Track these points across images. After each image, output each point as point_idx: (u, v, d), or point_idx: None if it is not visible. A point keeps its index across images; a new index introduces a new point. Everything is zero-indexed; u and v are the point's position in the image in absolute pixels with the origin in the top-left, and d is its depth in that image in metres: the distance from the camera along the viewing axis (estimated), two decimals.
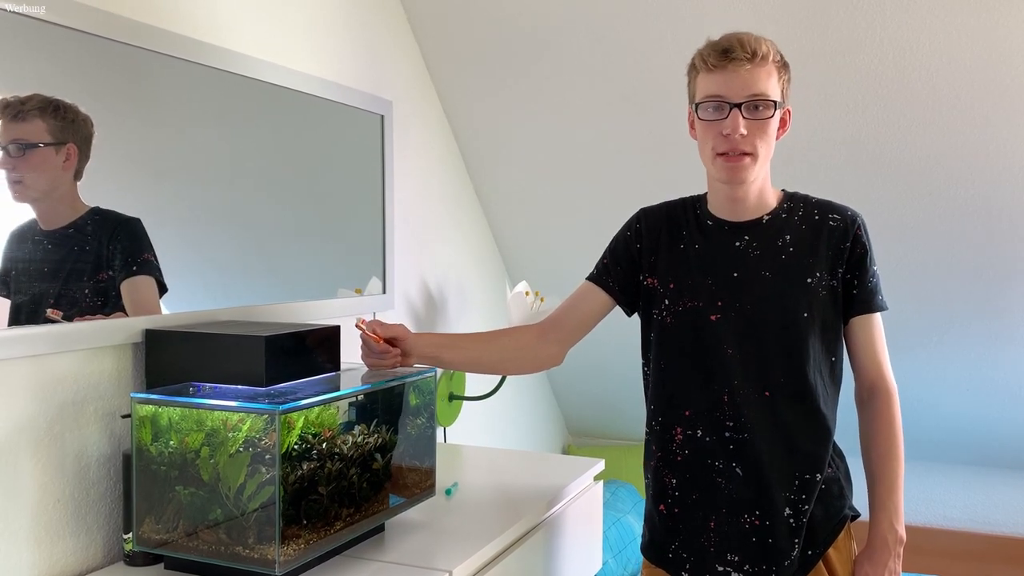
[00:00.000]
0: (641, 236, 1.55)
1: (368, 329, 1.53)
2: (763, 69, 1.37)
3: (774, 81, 1.39)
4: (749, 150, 1.38)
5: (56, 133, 1.30)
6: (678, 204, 1.56)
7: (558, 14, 2.20)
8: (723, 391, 1.43)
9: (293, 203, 1.88)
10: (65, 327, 1.29)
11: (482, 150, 2.59)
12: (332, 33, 1.98)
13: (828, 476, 1.45)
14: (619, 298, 1.58)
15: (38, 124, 1.28)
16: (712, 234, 1.48)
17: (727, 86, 1.37)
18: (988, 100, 2.05)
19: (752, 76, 1.36)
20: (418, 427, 1.49)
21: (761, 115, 1.37)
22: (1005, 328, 2.51)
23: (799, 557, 1.43)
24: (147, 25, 1.43)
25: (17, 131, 1.25)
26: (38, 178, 1.30)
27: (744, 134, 1.37)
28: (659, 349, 1.51)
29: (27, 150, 1.27)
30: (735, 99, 1.37)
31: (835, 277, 1.43)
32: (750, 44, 1.37)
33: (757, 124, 1.37)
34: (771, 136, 1.40)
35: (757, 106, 1.37)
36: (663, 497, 1.51)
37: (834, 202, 1.49)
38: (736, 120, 1.37)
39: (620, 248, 1.58)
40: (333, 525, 1.26)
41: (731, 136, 1.37)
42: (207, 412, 1.19)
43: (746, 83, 1.36)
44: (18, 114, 1.25)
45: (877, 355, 1.47)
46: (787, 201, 1.49)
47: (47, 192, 1.31)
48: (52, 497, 1.29)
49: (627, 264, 1.56)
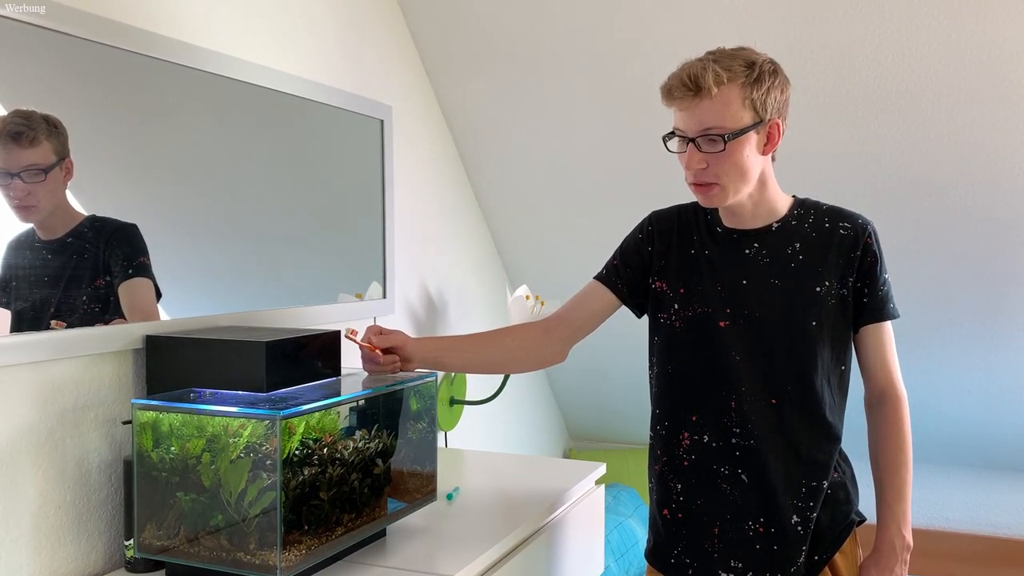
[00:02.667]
0: (653, 239, 1.55)
1: (364, 340, 1.52)
2: (712, 100, 1.33)
3: (734, 107, 1.33)
4: (712, 180, 1.38)
5: (58, 150, 1.30)
6: (689, 208, 1.55)
7: (558, 19, 2.20)
8: (730, 397, 1.43)
9: (293, 208, 1.88)
10: (65, 333, 1.29)
11: (482, 154, 2.59)
12: (332, 38, 1.98)
13: (834, 481, 1.45)
14: (628, 300, 1.57)
15: (46, 146, 1.28)
16: (722, 241, 1.48)
17: (682, 121, 1.38)
18: (986, 103, 2.05)
19: (700, 110, 1.34)
20: (419, 432, 1.49)
21: (713, 148, 1.35)
22: (1006, 330, 2.50)
23: (805, 563, 1.43)
24: (144, 31, 1.43)
25: (32, 156, 1.26)
26: (48, 198, 1.31)
27: (703, 167, 1.37)
28: (667, 353, 1.50)
29: (44, 174, 1.28)
30: (690, 133, 1.36)
31: (845, 286, 1.42)
32: (693, 79, 1.33)
33: (714, 156, 1.36)
34: (738, 162, 1.36)
35: (711, 138, 1.35)
36: (667, 502, 1.51)
37: (844, 209, 1.47)
38: (692, 155, 1.37)
39: (631, 250, 1.57)
40: (334, 530, 1.26)
41: (689, 170, 1.39)
42: (208, 418, 1.19)
43: (694, 118, 1.35)
44: (33, 140, 1.25)
45: (887, 362, 1.46)
46: (797, 208, 1.47)
47: (53, 210, 1.33)
48: (53, 503, 1.28)
49: (637, 266, 1.55)
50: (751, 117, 1.35)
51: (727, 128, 1.34)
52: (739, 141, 1.35)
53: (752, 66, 1.34)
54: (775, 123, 1.38)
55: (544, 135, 2.48)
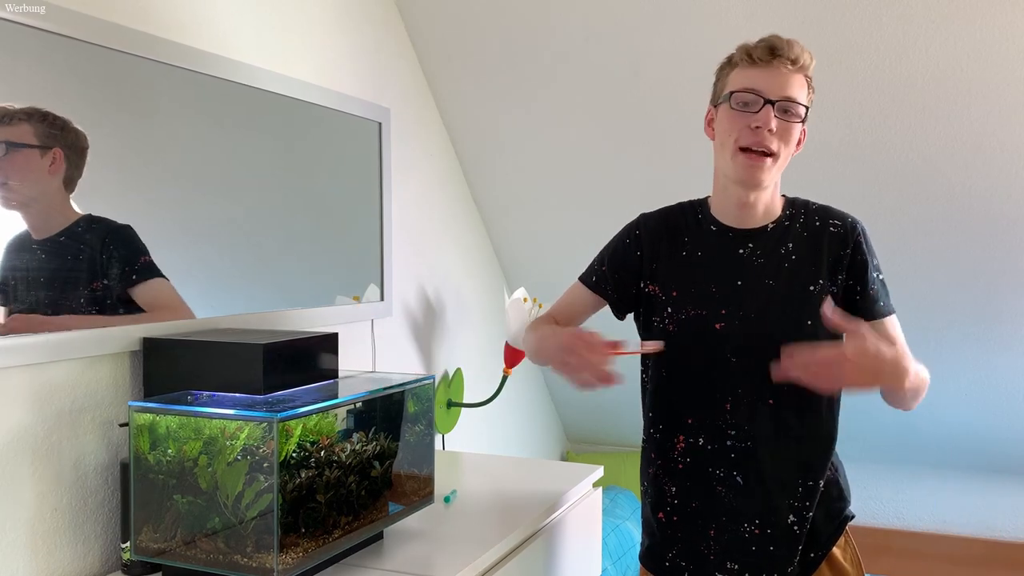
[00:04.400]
0: (641, 243, 1.54)
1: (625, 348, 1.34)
2: (800, 77, 1.39)
3: (805, 92, 1.41)
4: (774, 149, 1.38)
5: (42, 137, 1.29)
6: (677, 209, 1.55)
7: (556, 22, 2.20)
8: (726, 399, 1.43)
9: (291, 210, 1.88)
10: (62, 335, 1.29)
11: (480, 157, 2.59)
12: (330, 40, 1.98)
13: (828, 479, 1.45)
14: (615, 304, 1.57)
15: (24, 128, 1.28)
16: (715, 241, 1.48)
17: (767, 82, 1.37)
18: (984, 104, 2.05)
19: (790, 79, 1.38)
20: (416, 434, 1.48)
21: (791, 118, 1.38)
22: (1004, 333, 2.51)
23: (800, 561, 1.43)
24: (143, 33, 1.43)
25: (3, 134, 1.25)
26: (23, 182, 1.29)
27: (772, 130, 1.37)
28: (661, 357, 1.50)
29: (10, 150, 1.27)
30: (772, 96, 1.37)
31: (836, 284, 1.43)
32: (796, 49, 1.38)
33: (785, 126, 1.38)
34: (793, 142, 1.41)
35: (788, 109, 1.37)
36: (662, 505, 1.51)
37: (834, 208, 1.48)
38: (768, 114, 1.36)
39: (619, 255, 1.56)
40: (332, 533, 1.26)
41: (760, 130, 1.36)
42: (205, 420, 1.19)
43: (784, 84, 1.37)
44: (3, 117, 1.25)
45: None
46: (789, 208, 1.48)
47: (34, 198, 1.30)
48: (49, 506, 1.28)
49: (626, 272, 1.55)
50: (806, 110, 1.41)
51: (803, 104, 1.39)
52: (799, 127, 1.40)
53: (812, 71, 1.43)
54: (804, 130, 1.44)
55: (542, 137, 2.49)
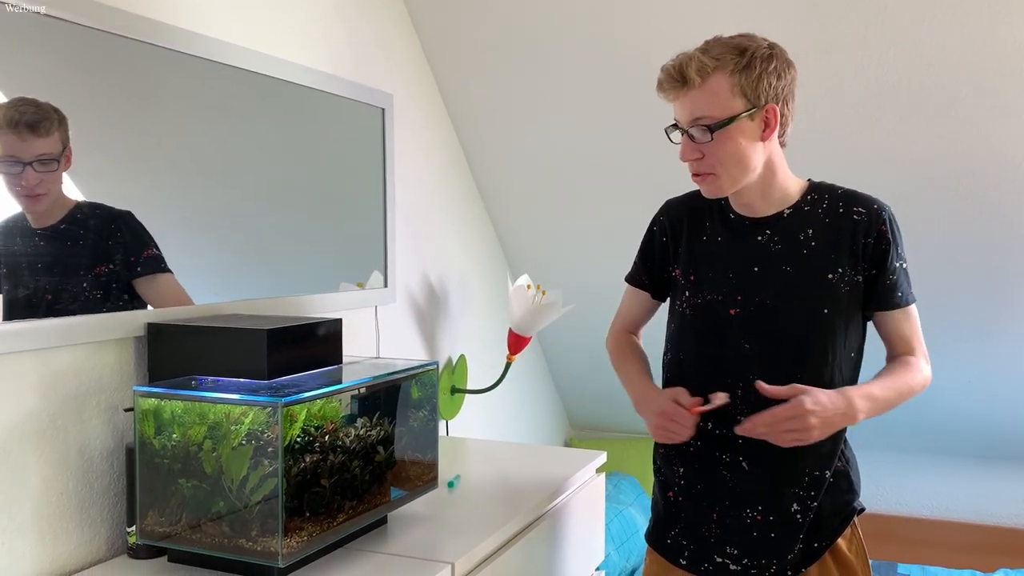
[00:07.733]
0: (665, 229, 1.56)
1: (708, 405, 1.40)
2: (699, 91, 1.33)
3: (723, 96, 1.32)
4: (708, 170, 1.38)
5: (63, 140, 1.30)
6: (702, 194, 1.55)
7: (560, 8, 2.19)
8: (737, 385, 1.42)
9: (294, 197, 1.87)
10: (67, 321, 1.29)
11: (483, 143, 2.59)
12: (332, 26, 1.97)
13: (837, 470, 1.45)
14: (653, 292, 1.61)
15: (55, 136, 1.28)
16: (734, 227, 1.48)
17: (676, 112, 1.39)
18: (989, 95, 2.04)
19: (689, 100, 1.35)
20: (420, 420, 1.49)
21: (704, 138, 1.35)
22: (1008, 321, 2.50)
23: (803, 550, 1.43)
24: (143, 17, 1.43)
25: (45, 146, 1.26)
26: (55, 187, 1.31)
27: (698, 157, 1.37)
28: (678, 339, 1.51)
29: (56, 163, 1.28)
30: (683, 124, 1.38)
31: (858, 272, 1.41)
32: (678, 70, 1.34)
33: (707, 146, 1.36)
34: (733, 151, 1.35)
35: (701, 129, 1.35)
36: (670, 485, 1.52)
37: (860, 194, 1.45)
38: (685, 146, 1.38)
39: (648, 245, 1.61)
40: (336, 517, 1.27)
41: (684, 161, 1.40)
42: (210, 405, 1.19)
43: (684, 109, 1.36)
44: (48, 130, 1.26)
45: (910, 342, 1.45)
46: (812, 193, 1.46)
47: (49, 195, 1.32)
48: (55, 491, 1.29)
49: (656, 259, 1.58)
50: (743, 104, 1.34)
51: (716, 117, 1.33)
52: (729, 130, 1.34)
53: (743, 53, 1.33)
54: (771, 108, 1.35)
55: (546, 124, 2.48)
